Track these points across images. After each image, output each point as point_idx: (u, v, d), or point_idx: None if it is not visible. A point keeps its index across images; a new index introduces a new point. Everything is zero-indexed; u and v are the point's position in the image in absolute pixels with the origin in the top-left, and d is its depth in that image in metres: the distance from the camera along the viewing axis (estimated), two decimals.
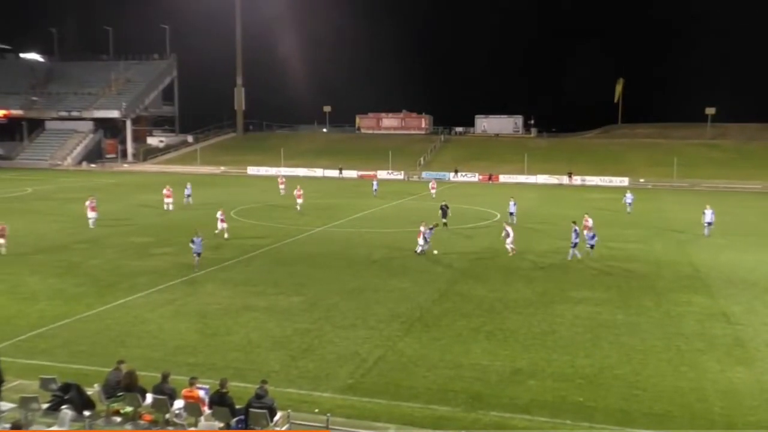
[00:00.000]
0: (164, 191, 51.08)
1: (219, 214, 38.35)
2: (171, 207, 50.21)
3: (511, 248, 34.50)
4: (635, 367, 18.66)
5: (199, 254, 30.31)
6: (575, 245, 33.25)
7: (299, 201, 51.08)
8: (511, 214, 45.35)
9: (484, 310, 24.20)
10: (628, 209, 52.59)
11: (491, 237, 40.42)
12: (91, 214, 42.02)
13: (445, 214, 43.06)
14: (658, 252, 36.09)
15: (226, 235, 37.45)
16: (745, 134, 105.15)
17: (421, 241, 34.25)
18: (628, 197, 53.80)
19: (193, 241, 30.32)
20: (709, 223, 41.34)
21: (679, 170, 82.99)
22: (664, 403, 16.38)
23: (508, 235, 34.74)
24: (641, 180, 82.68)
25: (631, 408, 16.13)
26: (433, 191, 62.73)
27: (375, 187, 65.18)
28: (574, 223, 33.94)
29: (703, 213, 42.04)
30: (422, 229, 34.48)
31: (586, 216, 36.98)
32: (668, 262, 33.11)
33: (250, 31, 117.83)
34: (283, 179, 66.07)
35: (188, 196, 53.70)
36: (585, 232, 34.53)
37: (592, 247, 33.48)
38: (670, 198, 67.27)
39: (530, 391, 17.06)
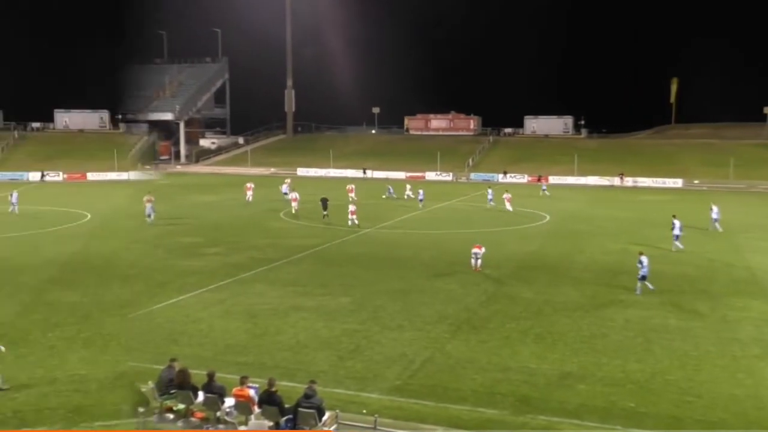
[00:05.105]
0: (246, 185, 57.89)
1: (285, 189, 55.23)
2: (251, 199, 56.23)
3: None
4: (688, 373, 18.25)
5: None
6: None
7: (352, 195, 56.15)
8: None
9: (532, 312, 23.99)
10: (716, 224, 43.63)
11: (540, 238, 40.09)
12: (148, 208, 44.01)
13: (324, 206, 45.61)
14: (711, 255, 35.17)
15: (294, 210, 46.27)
16: None
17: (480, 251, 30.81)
18: (714, 211, 43.22)
19: None
20: (715, 219, 42.71)
21: (735, 171, 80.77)
22: (719, 411, 15.99)
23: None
24: (695, 181, 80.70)
25: (684, 415, 15.80)
26: (508, 204, 52.35)
27: (391, 191, 61.71)
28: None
29: (710, 209, 43.25)
30: (476, 251, 30.91)
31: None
32: (722, 265, 32.25)
33: (299, 35, 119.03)
34: (251, 185, 58.51)
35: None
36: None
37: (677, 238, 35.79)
38: (724, 199, 65.37)
39: (579, 395, 16.85)
